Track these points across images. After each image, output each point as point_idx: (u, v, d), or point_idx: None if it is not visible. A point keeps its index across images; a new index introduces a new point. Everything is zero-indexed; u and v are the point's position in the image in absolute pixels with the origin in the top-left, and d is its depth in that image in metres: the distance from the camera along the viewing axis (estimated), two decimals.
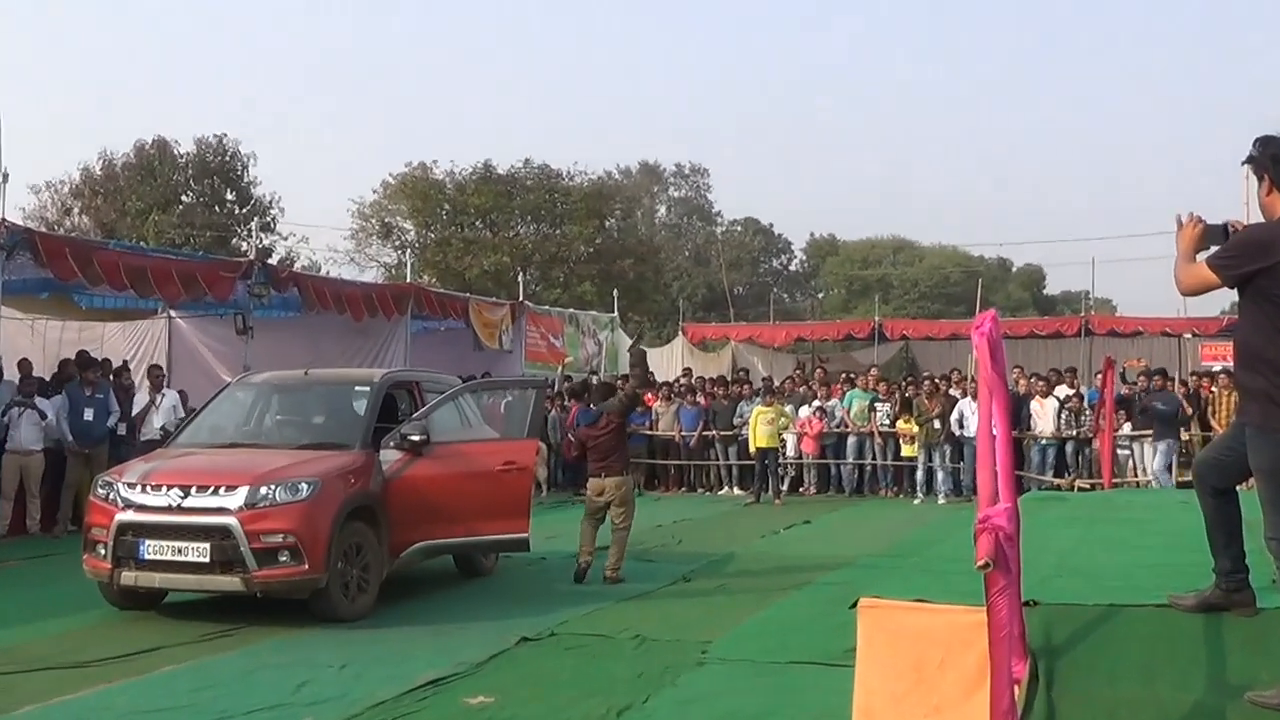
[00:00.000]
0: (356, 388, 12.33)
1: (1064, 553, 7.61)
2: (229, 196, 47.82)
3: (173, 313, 22.35)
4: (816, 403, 23.98)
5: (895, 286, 70.61)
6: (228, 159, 47.35)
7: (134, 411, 17.87)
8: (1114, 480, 18.50)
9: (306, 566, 10.14)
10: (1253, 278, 5.31)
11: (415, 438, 11.41)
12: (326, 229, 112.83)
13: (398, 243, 49.31)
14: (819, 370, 28.55)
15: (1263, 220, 5.52)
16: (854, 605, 5.75)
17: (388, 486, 11.21)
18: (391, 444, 11.41)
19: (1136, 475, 20.62)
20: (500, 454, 11.96)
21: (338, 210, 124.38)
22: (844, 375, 25.74)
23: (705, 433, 24.13)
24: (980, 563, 4.26)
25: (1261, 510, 5.39)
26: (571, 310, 33.50)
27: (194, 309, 21.91)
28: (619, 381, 25.56)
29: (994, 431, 4.71)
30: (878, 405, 23.28)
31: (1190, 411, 20.46)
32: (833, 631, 9.24)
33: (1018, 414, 20.78)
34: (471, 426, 12.66)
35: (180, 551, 10.16)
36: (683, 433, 24.21)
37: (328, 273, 46.62)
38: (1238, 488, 5.86)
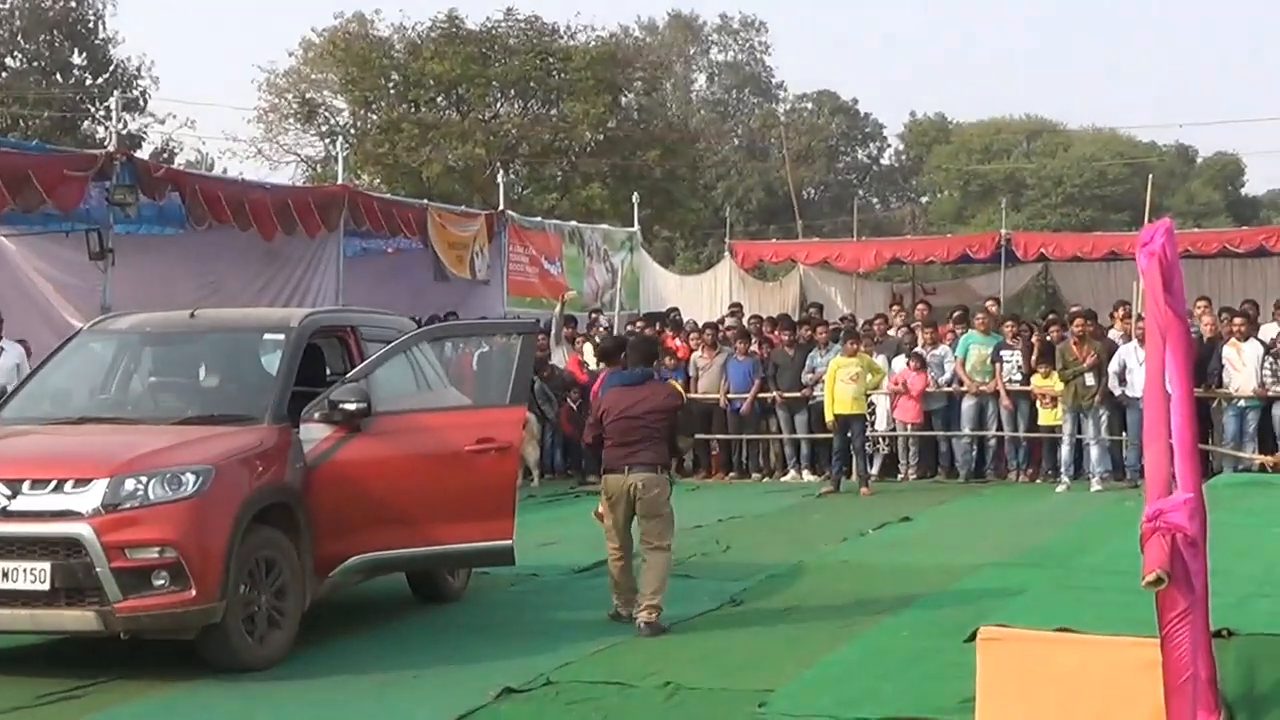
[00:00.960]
0: (265, 336, 12.25)
1: (1271, 561, 7.54)
2: (76, 60, 47.77)
3: None
4: (919, 351, 23.89)
5: (1030, 186, 70.48)
6: (72, 5, 47.23)
7: None
8: None
9: (193, 593, 10.03)
10: None
11: (350, 406, 11.33)
12: (223, 108, 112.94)
13: (325, 128, 49.31)
14: (922, 305, 28.37)
15: None
16: (972, 637, 5.73)
17: (311, 476, 11.17)
18: (317, 415, 11.35)
19: None
20: (472, 428, 11.87)
21: (240, 82, 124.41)
22: (957, 312, 25.58)
23: (763, 395, 24.07)
24: (1150, 577, 4.21)
25: None
26: (574, 223, 33.62)
27: (27, 223, 21.33)
28: (681, 325, 25.32)
29: (1169, 390, 4.62)
30: (1005, 354, 23.17)
31: None
32: (942, 674, 9.19)
33: (1204, 365, 20.61)
34: (431, 389, 12.59)
35: (7, 575, 10.02)
36: (731, 395, 24.18)
37: (224, 171, 46.86)
38: None
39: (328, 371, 12.69)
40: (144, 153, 41.76)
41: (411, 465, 11.57)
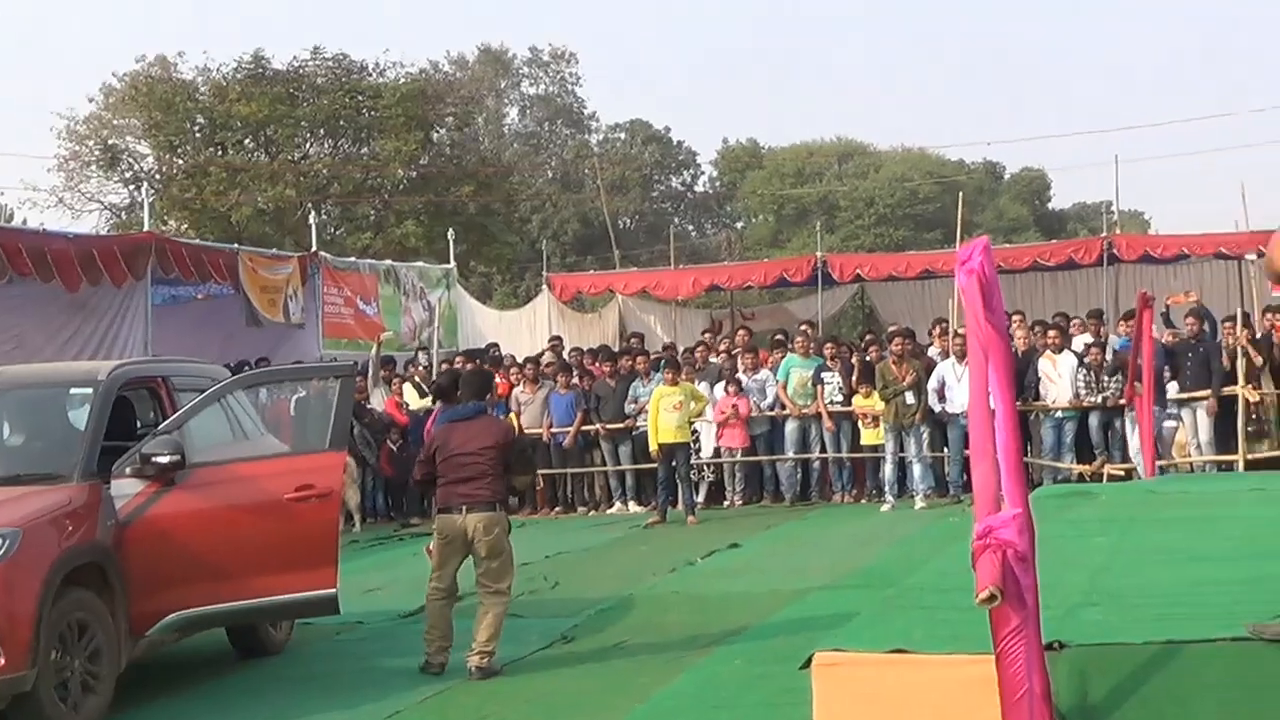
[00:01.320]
0: (72, 390, 12.04)
1: (1096, 571, 7.60)
2: None
3: None
4: (740, 377, 23.97)
5: (843, 208, 71.12)
6: None
7: None
8: (1158, 464, 18.68)
9: (1, 661, 9.77)
10: None
11: (163, 459, 11.14)
12: (21, 158, 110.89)
13: (129, 174, 48.54)
14: (741, 331, 28.52)
15: None
16: (806, 664, 5.68)
17: (124, 533, 10.96)
18: (128, 470, 11.17)
19: (1190, 455, 20.80)
20: (291, 475, 11.74)
21: (37, 129, 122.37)
22: (776, 335, 25.71)
23: (586, 427, 24.10)
24: (983, 594, 4.18)
25: None
26: (389, 262, 33.41)
27: None
28: (501, 361, 25.20)
29: (993, 406, 4.61)
30: (825, 376, 23.32)
31: (1260, 362, 20.63)
32: (777, 701, 9.17)
33: (1021, 378, 20.85)
34: (248, 438, 12.45)
35: None
36: (553, 429, 24.12)
37: (24, 221, 45.93)
38: None
39: (139, 425, 12.45)
40: None
41: (229, 517, 11.38)
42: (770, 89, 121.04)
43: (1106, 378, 21.21)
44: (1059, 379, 21.73)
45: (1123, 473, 20.35)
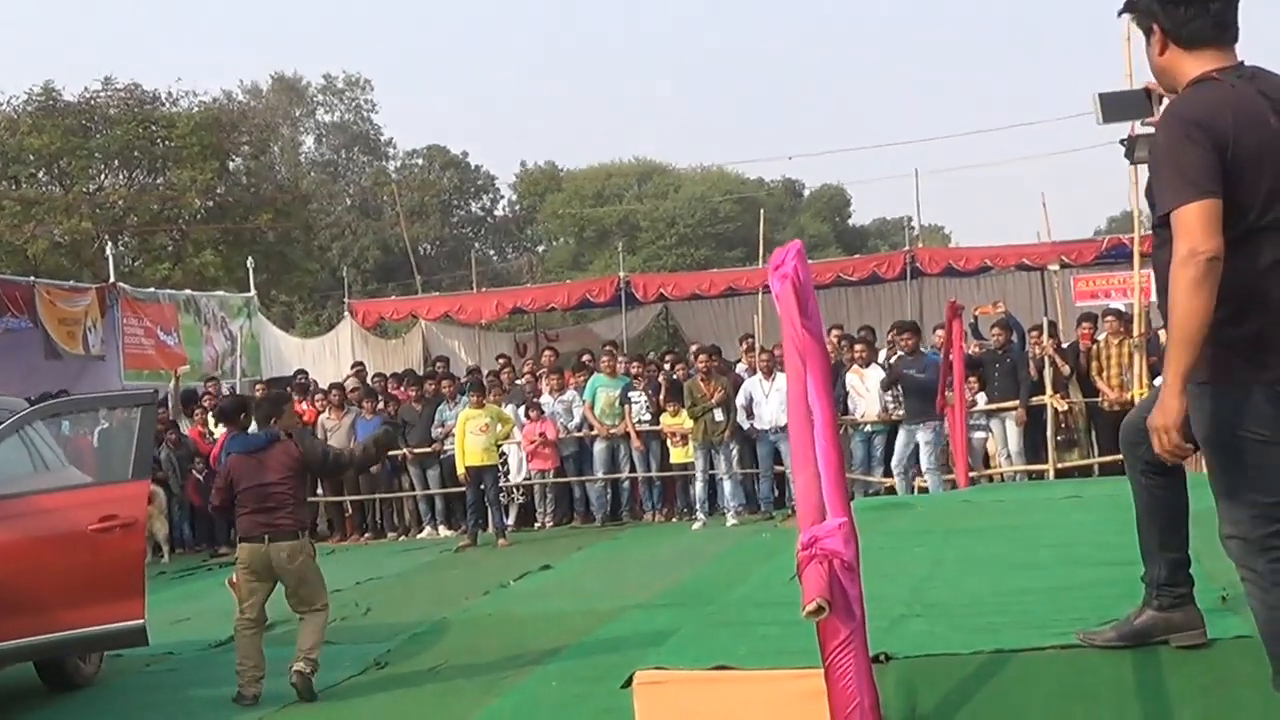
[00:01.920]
0: None
1: (918, 582, 7.61)
2: None
3: None
4: (546, 398, 23.97)
5: (644, 229, 71.32)
6: None
7: None
8: (970, 474, 18.92)
9: None
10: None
11: None
12: None
13: None
14: (546, 352, 28.47)
15: (1161, 86, 5.53)
16: (627, 683, 5.62)
17: None
18: None
19: (1000, 464, 21.06)
20: (94, 506, 11.53)
21: None
22: (581, 357, 25.71)
23: (392, 452, 23.72)
24: (810, 606, 4.12)
25: (1215, 498, 5.38)
26: (189, 292, 32.97)
27: None
28: (310, 389, 24.95)
29: (811, 416, 4.58)
30: (632, 395, 23.37)
31: (1067, 371, 20.93)
32: None
33: None
34: (49, 469, 12.20)
35: None
36: None
37: None
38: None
39: None
40: None
41: (31, 549, 11.14)
42: (566, 111, 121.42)
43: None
44: (867, 393, 21.87)
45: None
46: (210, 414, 24.42)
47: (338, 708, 11.13)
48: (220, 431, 23.70)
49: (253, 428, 12.80)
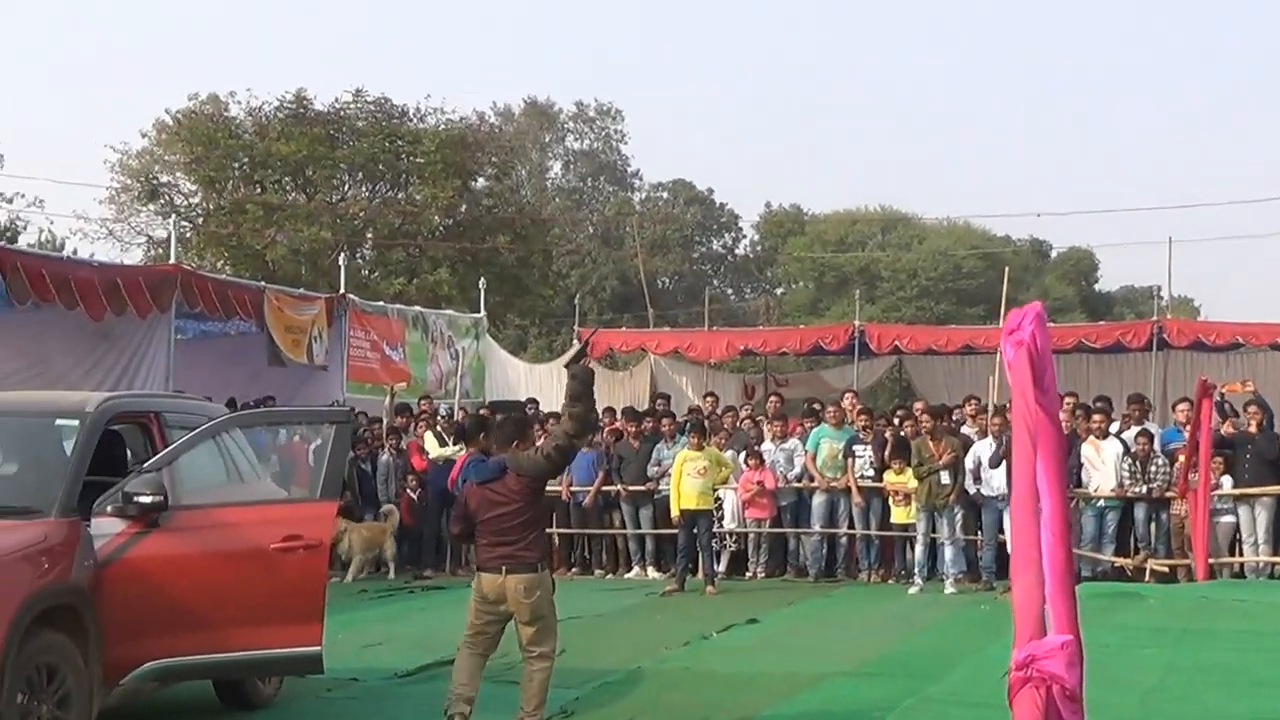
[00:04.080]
0: (58, 421, 11.72)
1: (1148, 692, 6.94)
2: None
3: None
4: (769, 445, 23.48)
5: (884, 278, 70.85)
6: None
7: None
8: (1210, 563, 18.00)
9: None
10: None
11: (145, 499, 10.74)
12: (75, 186, 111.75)
13: (167, 207, 48.35)
14: (773, 398, 28.03)
15: None
16: None
17: (102, 575, 10.57)
18: (109, 509, 10.79)
19: (1243, 554, 20.08)
20: (279, 523, 11.34)
21: (95, 161, 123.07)
22: (808, 405, 25.18)
23: (607, 487, 23.68)
24: None
25: None
26: (419, 309, 33.25)
27: None
28: (539, 419, 24.92)
29: (1038, 505, 4.00)
30: (857, 449, 22.83)
31: None
32: None
33: None
34: (242, 480, 12.12)
35: None
36: (574, 487, 23.67)
37: (74, 251, 45.87)
38: None
39: (129, 461, 12.08)
40: None
41: (211, 564, 11.01)
42: (815, 154, 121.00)
43: (1150, 467, 20.57)
44: (1102, 465, 21.24)
45: (1166, 569, 19.75)
46: (433, 434, 24.38)
47: None
48: (436, 451, 23.78)
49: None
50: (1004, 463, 19.66)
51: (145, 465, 11.25)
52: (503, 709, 11.84)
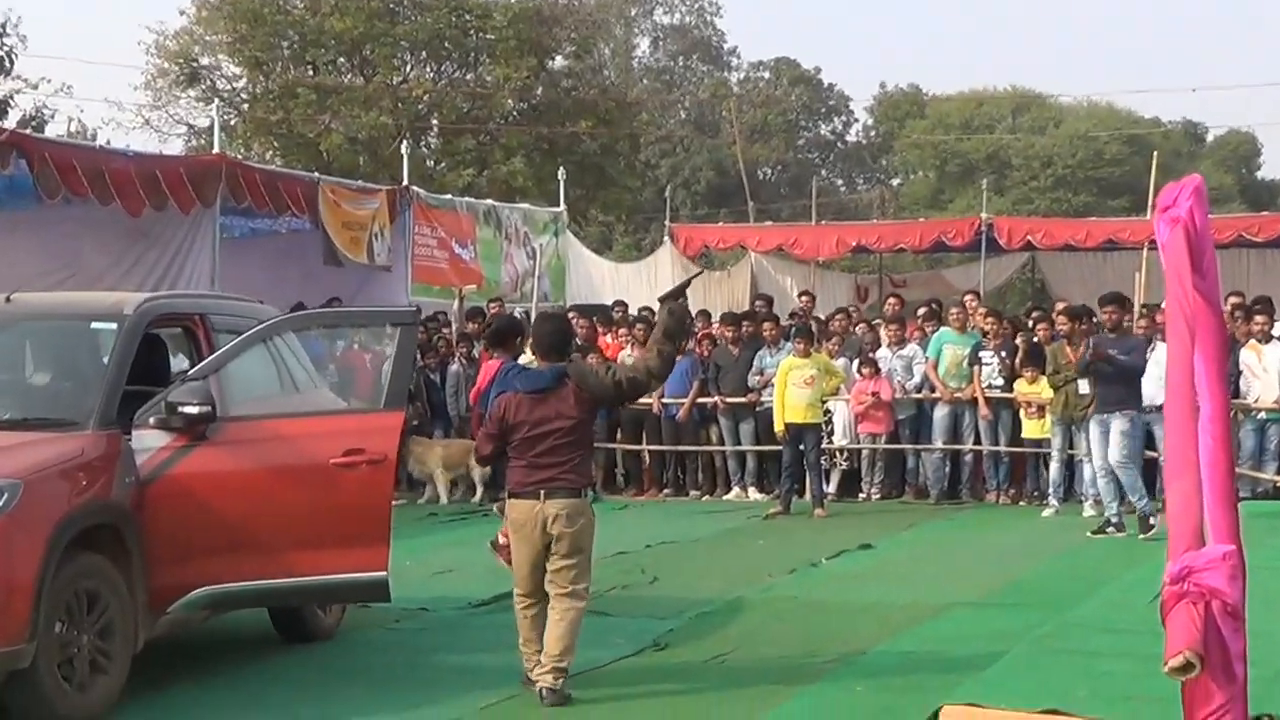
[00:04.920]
0: (93, 325, 11.85)
1: None
2: None
3: None
4: (884, 352, 23.55)
5: (1016, 167, 70.40)
6: None
7: None
8: None
9: None
10: None
11: (191, 410, 10.87)
12: (106, 69, 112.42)
13: (209, 92, 48.54)
14: (890, 300, 27.97)
15: None
16: (933, 718, 5.11)
17: (145, 493, 10.76)
18: (152, 420, 10.94)
19: None
20: (340, 436, 11.40)
21: (128, 43, 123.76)
22: (929, 306, 25.12)
23: (702, 399, 23.73)
24: (1174, 661, 3.54)
25: None
26: (491, 202, 33.27)
27: None
28: (628, 321, 24.91)
29: (1196, 404, 3.97)
30: (984, 355, 22.79)
31: None
32: None
33: None
34: (298, 389, 12.30)
35: None
36: (665, 399, 23.71)
37: (107, 142, 46.23)
38: None
39: (172, 369, 12.22)
40: (10, 120, 41.16)
41: (265, 481, 11.14)
42: (936, 29, 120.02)
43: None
44: (1264, 374, 21.18)
45: None
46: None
47: (602, 693, 10.94)
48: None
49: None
50: (1090, 370, 19.59)
51: (190, 373, 11.36)
52: (598, 642, 11.99)
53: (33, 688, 9.78)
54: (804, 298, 28.81)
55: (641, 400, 23.14)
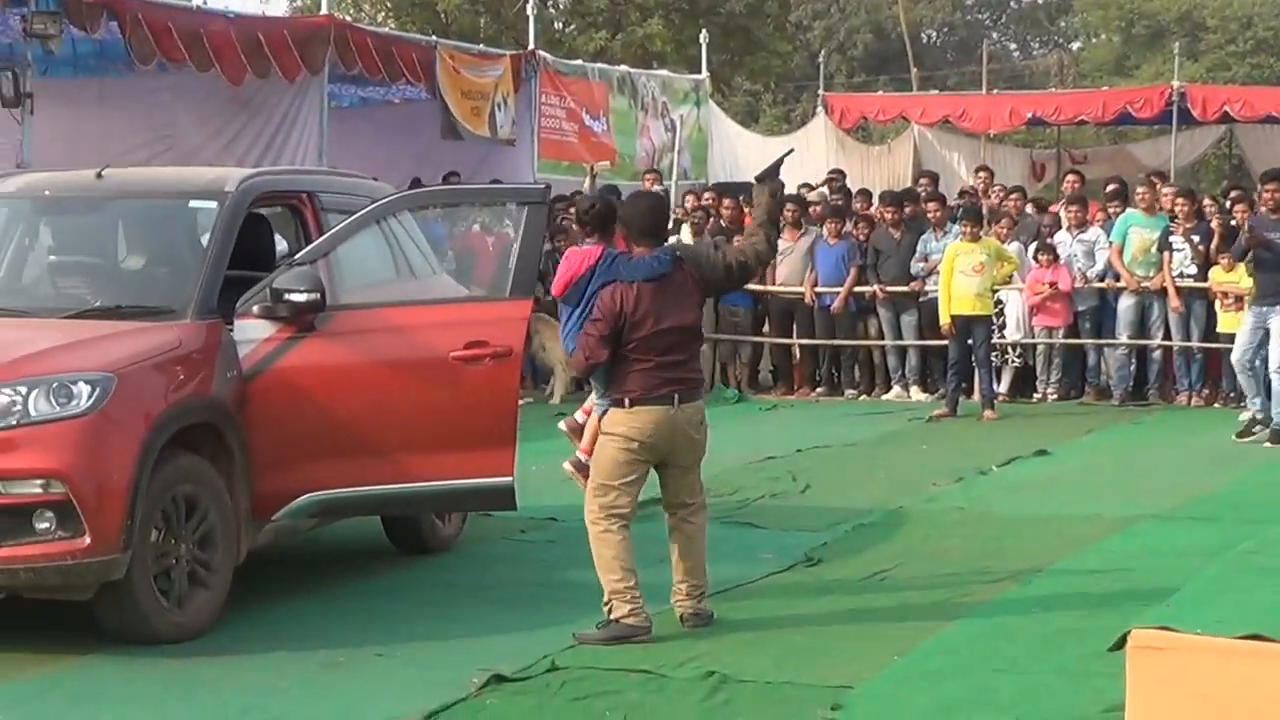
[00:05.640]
0: (191, 203, 11.94)
1: None
2: None
3: None
4: (1063, 236, 23.38)
5: (1210, 29, 69.56)
6: None
7: None
8: None
9: (87, 540, 9.67)
10: None
11: (298, 297, 10.92)
12: None
13: None
14: (1069, 178, 27.73)
15: None
16: (1119, 644, 5.09)
17: (248, 389, 10.88)
18: (256, 309, 11.03)
19: None
20: (461, 327, 11.41)
21: None
22: (1112, 186, 24.90)
23: (860, 288, 23.70)
24: None
25: None
26: (625, 69, 33.29)
27: None
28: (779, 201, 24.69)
29: None
30: (1175, 241, 22.54)
31: None
32: (1083, 669, 8.98)
33: None
34: (415, 276, 12.35)
35: None
36: (818, 288, 23.73)
37: (205, 1, 46.35)
38: None
39: (276, 253, 12.29)
40: None
41: (378, 376, 11.19)
42: None
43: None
44: None
45: None
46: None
47: (748, 612, 10.95)
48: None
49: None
50: (1246, 256, 19.40)
51: (297, 256, 11.40)
52: (745, 557, 12.01)
53: (127, 601, 9.92)
54: (981, 174, 28.56)
55: (792, 289, 23.31)
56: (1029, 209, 25.25)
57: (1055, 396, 23.12)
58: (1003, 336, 23.08)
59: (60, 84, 21.83)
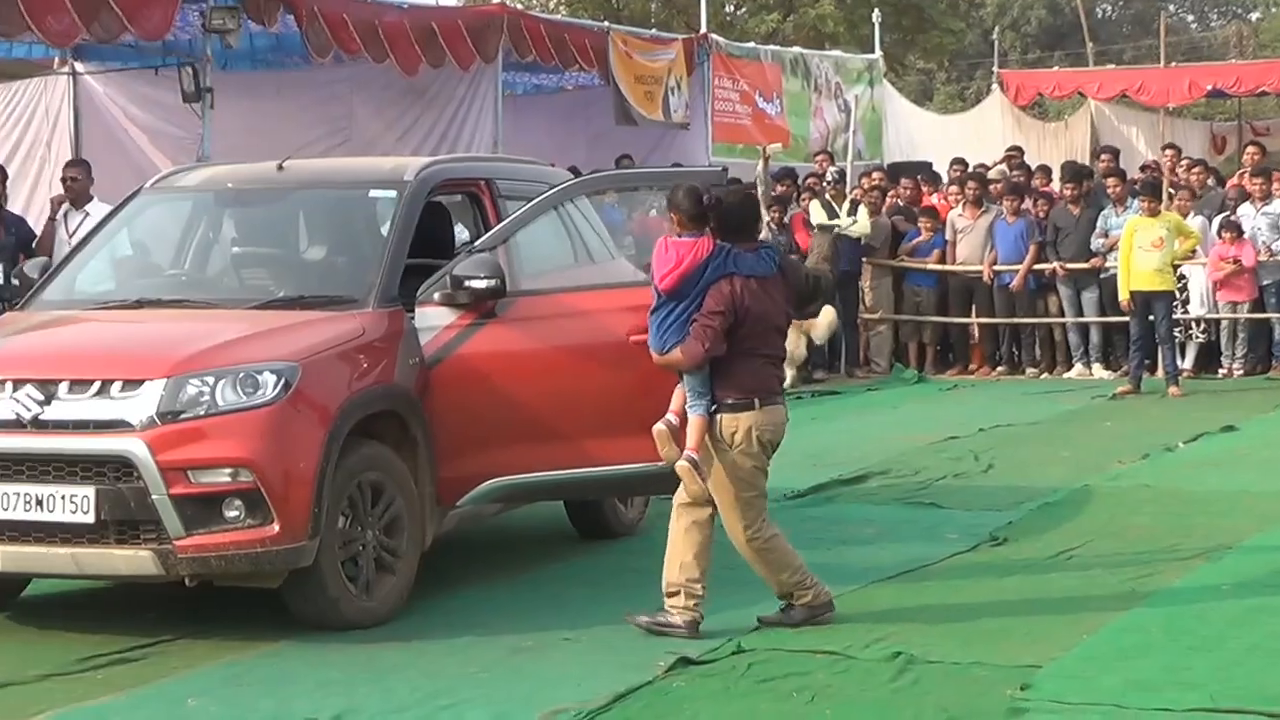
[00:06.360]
0: (372, 193, 12.00)
1: None
2: None
3: (78, 65, 22.22)
4: (1247, 209, 23.09)
5: None
6: None
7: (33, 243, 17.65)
8: None
9: (276, 528, 9.77)
10: None
11: (479, 284, 10.91)
12: None
13: None
14: (1250, 149, 27.38)
15: None
16: None
17: (431, 376, 10.92)
18: (437, 296, 11.05)
19: None
20: (640, 311, 11.13)
21: None
22: None
23: (1040, 266, 23.57)
24: None
25: None
26: (799, 50, 33.18)
27: (110, 58, 21.96)
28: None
29: None
30: None
31: None
32: (1273, 649, 8.98)
33: None
34: (593, 260, 12.25)
35: (40, 503, 9.81)
36: (998, 266, 23.63)
37: None
38: None
39: (456, 240, 12.37)
40: None
41: (560, 361, 11.24)
42: None
43: None
44: None
45: None
46: (819, 204, 24.16)
47: (933, 594, 10.93)
48: (825, 222, 23.39)
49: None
50: None
51: (477, 243, 11.43)
52: (929, 536, 11.92)
53: (315, 588, 10.01)
54: (1168, 150, 28.13)
55: (972, 267, 23.21)
56: (1210, 182, 24.96)
57: (1241, 372, 22.91)
58: (1186, 312, 22.88)
59: (239, 78, 22.14)
